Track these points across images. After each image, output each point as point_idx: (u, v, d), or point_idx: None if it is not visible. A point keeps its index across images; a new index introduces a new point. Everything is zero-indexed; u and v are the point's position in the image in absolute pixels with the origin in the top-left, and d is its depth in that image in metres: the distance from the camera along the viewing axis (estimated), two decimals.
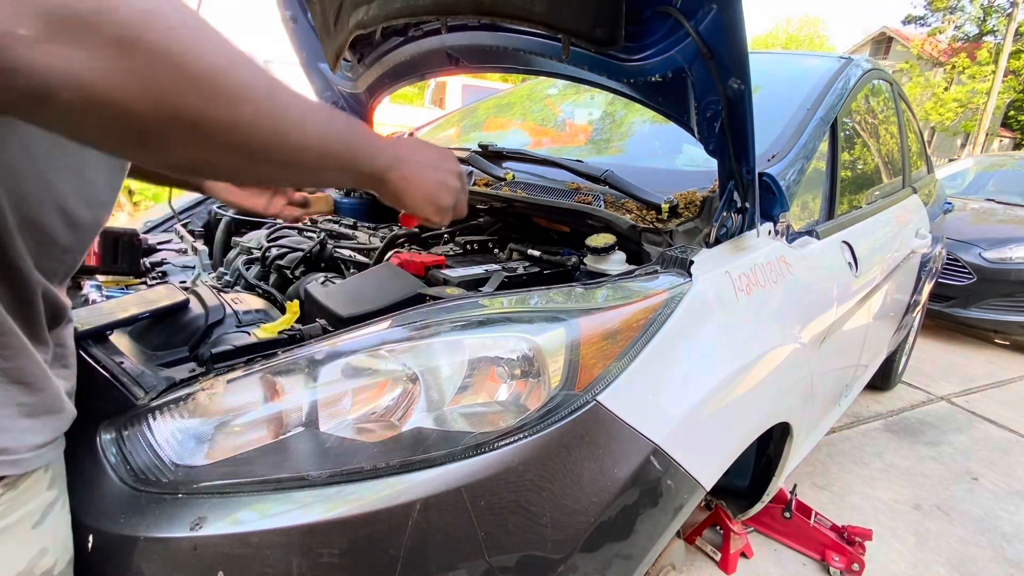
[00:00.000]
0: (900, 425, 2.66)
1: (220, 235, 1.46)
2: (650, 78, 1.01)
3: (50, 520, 0.54)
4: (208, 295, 0.96)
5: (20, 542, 0.51)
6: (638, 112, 1.78)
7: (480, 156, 1.43)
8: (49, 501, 0.54)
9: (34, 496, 0.52)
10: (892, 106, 2.28)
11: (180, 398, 0.70)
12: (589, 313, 0.78)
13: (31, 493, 0.52)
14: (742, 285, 1.01)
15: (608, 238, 1.01)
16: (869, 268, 1.60)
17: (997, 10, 18.75)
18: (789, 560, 1.69)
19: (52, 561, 0.54)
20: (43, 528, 0.53)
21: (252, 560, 0.59)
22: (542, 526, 0.67)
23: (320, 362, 0.71)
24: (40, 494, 0.53)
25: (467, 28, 1.20)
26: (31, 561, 0.52)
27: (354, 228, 1.47)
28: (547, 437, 0.68)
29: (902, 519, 1.93)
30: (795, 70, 1.76)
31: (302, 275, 1.18)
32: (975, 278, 3.81)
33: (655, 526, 0.79)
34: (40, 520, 0.53)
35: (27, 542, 0.52)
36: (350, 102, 1.77)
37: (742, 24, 0.81)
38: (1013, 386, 3.30)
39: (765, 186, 1.14)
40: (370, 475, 0.63)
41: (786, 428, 1.20)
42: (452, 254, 1.19)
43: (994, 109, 16.86)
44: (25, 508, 0.52)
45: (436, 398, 0.69)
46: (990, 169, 5.50)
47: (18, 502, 0.51)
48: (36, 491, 0.53)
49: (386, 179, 0.59)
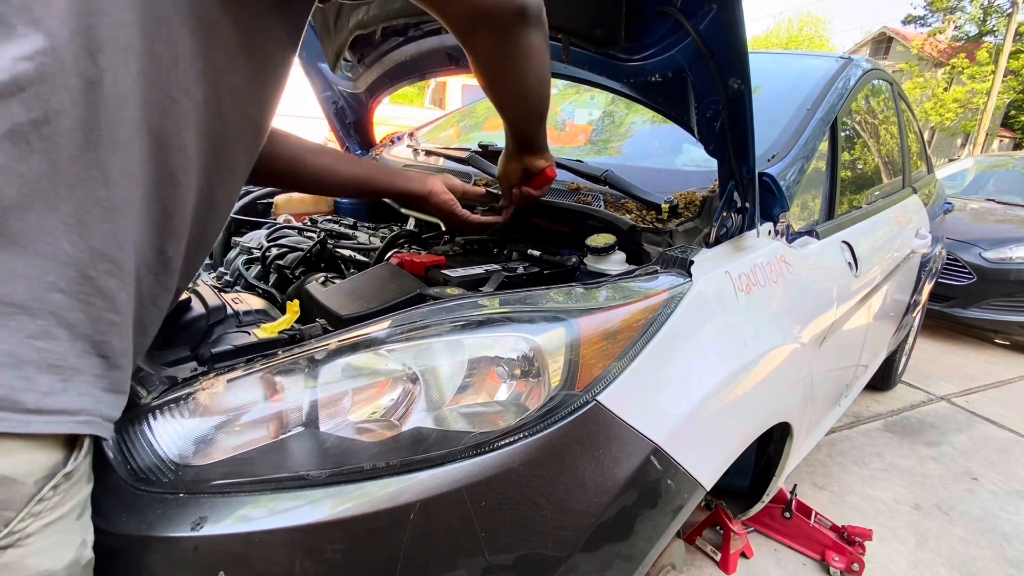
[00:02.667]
0: (900, 425, 2.66)
1: (220, 235, 1.46)
2: (650, 78, 1.01)
3: (87, 513, 0.57)
4: (209, 295, 0.96)
5: (71, 532, 0.54)
6: (638, 112, 1.78)
7: (480, 156, 1.43)
8: (87, 495, 0.57)
9: (80, 489, 0.55)
10: (892, 106, 2.28)
11: (181, 398, 0.70)
12: (589, 313, 0.78)
13: (79, 485, 0.54)
14: (742, 285, 1.01)
15: (608, 238, 1.01)
16: (869, 268, 1.60)
17: (997, 10, 18.76)
18: (789, 560, 1.69)
19: (91, 554, 0.57)
20: (84, 520, 0.56)
21: (253, 560, 0.59)
22: (542, 526, 0.67)
23: (320, 362, 0.71)
24: (84, 488, 0.56)
25: None
26: (78, 551, 0.54)
27: (354, 228, 1.47)
28: (547, 437, 0.68)
29: (902, 519, 1.94)
30: (795, 70, 1.76)
31: (302, 275, 1.18)
32: (975, 278, 3.81)
33: (655, 526, 0.79)
34: (82, 512, 0.56)
35: (75, 532, 0.54)
36: (350, 102, 1.77)
37: (742, 24, 0.81)
38: (1013, 386, 3.30)
39: (765, 186, 1.14)
40: (370, 475, 0.63)
41: (786, 428, 1.20)
42: (452, 254, 1.19)
43: (994, 109, 16.86)
44: (75, 499, 0.54)
45: (436, 398, 0.69)
46: (990, 169, 5.50)
47: (71, 493, 0.53)
48: (82, 484, 0.55)
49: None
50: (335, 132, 1.92)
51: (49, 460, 0.50)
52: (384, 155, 1.80)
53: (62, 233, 0.50)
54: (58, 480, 0.51)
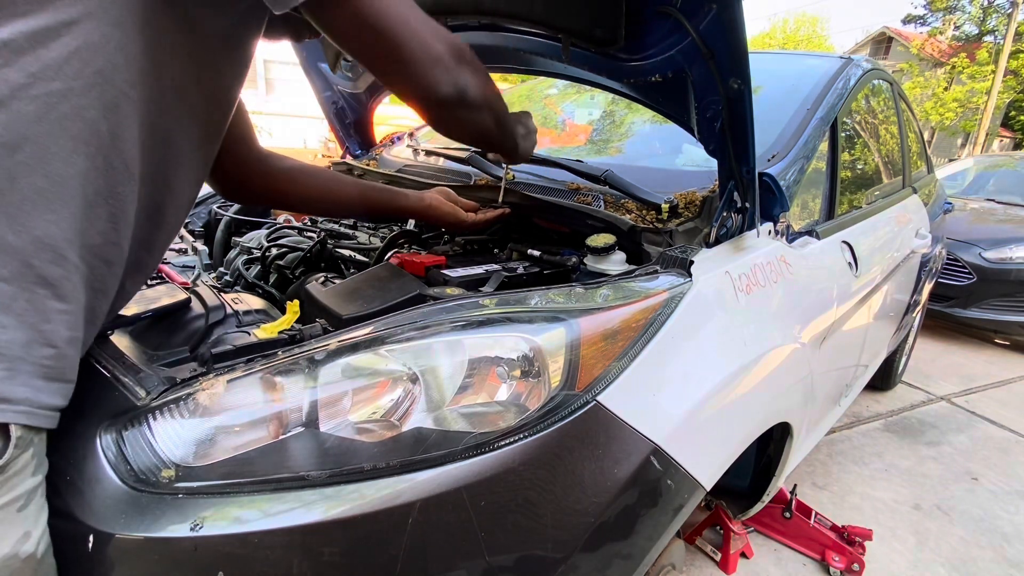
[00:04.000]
0: (900, 425, 2.66)
1: (220, 235, 1.46)
2: (650, 78, 1.01)
3: (33, 505, 0.56)
4: (209, 295, 0.96)
5: (8, 524, 0.53)
6: (638, 112, 1.78)
7: (480, 156, 1.43)
8: (33, 486, 0.56)
9: (21, 481, 0.54)
10: (892, 106, 2.28)
11: (180, 398, 0.70)
12: (589, 313, 0.78)
13: (19, 478, 0.54)
14: (742, 285, 1.01)
15: (608, 238, 1.01)
16: (869, 268, 1.60)
17: (997, 10, 18.75)
18: (789, 560, 1.69)
19: (34, 547, 0.56)
20: (27, 512, 0.55)
21: (252, 560, 0.59)
22: (542, 526, 0.67)
23: (320, 362, 0.71)
24: (26, 479, 0.55)
25: (467, 28, 1.20)
26: (15, 544, 0.54)
27: (354, 228, 1.47)
28: (547, 437, 0.68)
29: (902, 519, 1.94)
30: (795, 70, 1.76)
31: (302, 275, 1.18)
32: (975, 278, 3.81)
33: (655, 526, 0.79)
34: (25, 504, 0.55)
35: (14, 525, 0.54)
36: (350, 102, 1.77)
37: (742, 24, 0.81)
38: (1013, 386, 3.30)
39: (765, 186, 1.14)
40: (370, 475, 0.63)
41: (786, 428, 1.20)
42: (452, 254, 1.19)
43: (994, 109, 16.85)
44: (13, 492, 0.53)
45: (436, 398, 0.69)
46: (990, 169, 5.50)
47: (7, 486, 0.53)
48: (23, 476, 0.54)
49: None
50: (335, 132, 1.92)
51: None
52: (384, 155, 1.80)
53: (4, 224, 0.51)
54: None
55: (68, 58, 0.52)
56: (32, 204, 0.52)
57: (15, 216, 0.51)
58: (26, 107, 0.51)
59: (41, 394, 0.55)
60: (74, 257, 0.57)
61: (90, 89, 0.54)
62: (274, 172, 1.03)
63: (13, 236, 0.52)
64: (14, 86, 0.50)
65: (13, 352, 0.52)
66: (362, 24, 0.61)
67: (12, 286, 0.52)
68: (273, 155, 1.04)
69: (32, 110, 0.51)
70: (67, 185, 0.55)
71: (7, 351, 0.52)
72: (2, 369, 0.51)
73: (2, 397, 0.51)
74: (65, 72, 0.52)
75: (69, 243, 0.56)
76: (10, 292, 0.52)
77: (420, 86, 0.68)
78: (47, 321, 0.55)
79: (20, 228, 0.52)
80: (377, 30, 0.62)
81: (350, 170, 1.61)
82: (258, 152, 1.00)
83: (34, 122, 0.52)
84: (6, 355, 0.52)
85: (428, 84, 0.67)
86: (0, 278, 0.51)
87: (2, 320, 0.51)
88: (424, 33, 0.65)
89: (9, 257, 0.52)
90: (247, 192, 1.04)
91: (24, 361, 0.53)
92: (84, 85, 0.54)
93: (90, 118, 0.55)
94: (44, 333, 0.54)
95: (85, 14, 0.53)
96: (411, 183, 1.41)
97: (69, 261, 0.56)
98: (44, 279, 0.54)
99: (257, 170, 1.00)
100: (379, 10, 0.61)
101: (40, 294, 0.54)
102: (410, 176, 1.46)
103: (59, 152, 0.53)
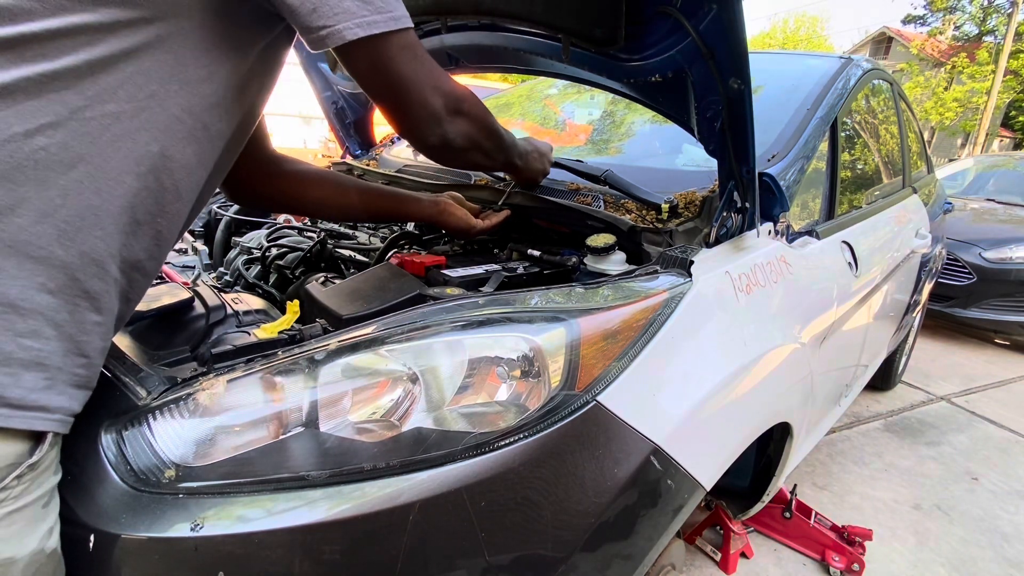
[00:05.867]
0: (900, 425, 2.66)
1: (220, 235, 1.46)
2: (650, 78, 1.01)
3: (53, 502, 0.58)
4: (209, 295, 0.96)
5: (36, 520, 0.55)
6: (638, 112, 1.78)
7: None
8: (54, 484, 0.58)
9: (47, 478, 0.56)
10: (892, 106, 2.28)
11: (181, 398, 0.70)
12: (589, 313, 0.78)
13: (46, 475, 0.56)
14: (742, 285, 1.01)
15: (608, 238, 1.01)
16: (869, 268, 1.60)
17: (997, 10, 18.75)
18: (789, 560, 1.69)
19: (55, 542, 0.58)
20: (49, 509, 0.57)
21: (253, 560, 0.59)
22: (542, 526, 0.67)
23: (320, 362, 0.71)
24: (50, 477, 0.57)
25: (467, 28, 1.20)
26: (41, 540, 0.55)
27: (354, 228, 1.47)
28: (547, 437, 0.68)
29: (902, 519, 1.94)
30: (795, 70, 1.76)
31: (302, 275, 1.18)
32: (975, 278, 3.81)
33: (655, 526, 0.79)
34: (48, 502, 0.57)
35: (40, 520, 0.56)
36: (350, 102, 1.77)
37: (742, 24, 0.81)
38: (1013, 386, 3.30)
39: (765, 186, 1.14)
40: (370, 475, 0.63)
41: (786, 428, 1.20)
42: (452, 254, 1.19)
43: (994, 109, 16.85)
44: (41, 489, 0.55)
45: (436, 398, 0.69)
46: (990, 169, 5.50)
47: (37, 482, 0.55)
48: (48, 473, 0.57)
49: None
50: (335, 132, 1.91)
51: (14, 451, 0.52)
52: (384, 155, 1.80)
53: (55, 238, 0.52)
54: (23, 470, 0.52)
55: (123, 82, 0.55)
56: (83, 220, 0.54)
57: (65, 231, 0.53)
58: (82, 128, 0.53)
59: (73, 403, 0.57)
60: (115, 271, 0.59)
61: (141, 112, 0.56)
62: (285, 175, 1.03)
63: (62, 251, 0.53)
64: (72, 108, 0.52)
65: (54, 363, 0.54)
66: (376, 73, 0.70)
67: (57, 299, 0.54)
68: (285, 158, 1.04)
69: (87, 131, 0.53)
70: (118, 203, 0.57)
71: (48, 361, 0.53)
72: (43, 379, 0.53)
73: (41, 406, 0.53)
74: (119, 96, 0.55)
75: (112, 258, 0.58)
76: (55, 305, 0.53)
77: (412, 133, 0.79)
78: (84, 333, 0.57)
79: (69, 243, 0.54)
80: (388, 82, 0.71)
81: (350, 170, 1.61)
82: (270, 155, 1.00)
83: (89, 142, 0.54)
84: (48, 366, 0.53)
85: (418, 134, 0.78)
86: (47, 290, 0.53)
87: (46, 332, 0.53)
88: (425, 90, 0.73)
89: (57, 271, 0.53)
90: (256, 196, 1.04)
91: (62, 371, 0.55)
92: (136, 108, 0.56)
93: (142, 140, 0.57)
94: (80, 344, 0.56)
95: (143, 44, 0.55)
96: (411, 183, 1.41)
97: (110, 275, 0.59)
98: (87, 292, 0.56)
99: (267, 173, 1.00)
100: (393, 67, 0.69)
101: (82, 307, 0.56)
102: (410, 176, 1.46)
103: (112, 171, 0.55)
